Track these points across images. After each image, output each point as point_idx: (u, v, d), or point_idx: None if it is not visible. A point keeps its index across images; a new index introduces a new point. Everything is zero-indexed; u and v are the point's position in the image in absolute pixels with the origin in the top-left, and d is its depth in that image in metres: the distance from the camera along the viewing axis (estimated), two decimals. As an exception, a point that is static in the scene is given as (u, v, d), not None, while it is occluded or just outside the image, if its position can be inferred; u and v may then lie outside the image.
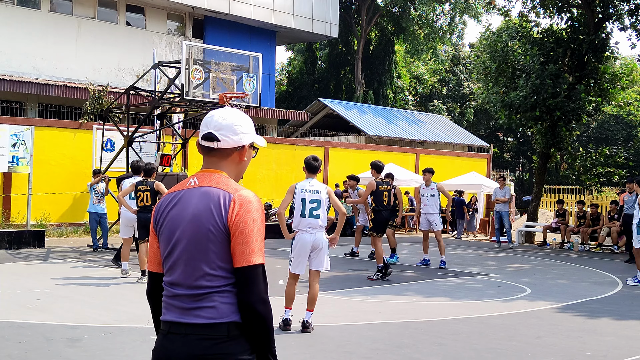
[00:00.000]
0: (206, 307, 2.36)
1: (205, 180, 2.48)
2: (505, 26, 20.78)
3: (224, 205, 2.38)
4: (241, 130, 2.54)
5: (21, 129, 15.37)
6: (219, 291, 2.37)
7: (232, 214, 2.37)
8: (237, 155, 2.56)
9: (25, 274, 10.59)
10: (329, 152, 23.14)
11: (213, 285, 2.37)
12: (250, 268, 2.34)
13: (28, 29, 22.87)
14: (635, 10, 18.81)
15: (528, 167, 46.72)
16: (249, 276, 2.34)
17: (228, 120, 2.52)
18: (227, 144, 2.51)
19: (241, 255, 2.34)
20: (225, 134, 2.50)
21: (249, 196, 2.42)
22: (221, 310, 2.36)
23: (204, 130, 2.53)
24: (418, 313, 8.27)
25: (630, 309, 9.02)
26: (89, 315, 7.53)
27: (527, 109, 18.53)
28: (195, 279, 2.39)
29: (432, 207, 12.99)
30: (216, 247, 2.37)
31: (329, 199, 7.22)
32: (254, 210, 2.39)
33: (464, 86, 45.86)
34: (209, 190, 2.43)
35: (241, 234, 2.35)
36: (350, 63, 41.83)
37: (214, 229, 2.37)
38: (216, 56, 14.41)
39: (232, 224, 2.36)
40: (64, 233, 16.93)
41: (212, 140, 2.50)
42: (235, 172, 2.57)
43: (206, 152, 2.55)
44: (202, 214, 2.39)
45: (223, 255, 2.37)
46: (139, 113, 18.27)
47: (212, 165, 2.54)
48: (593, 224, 17.90)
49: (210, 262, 2.37)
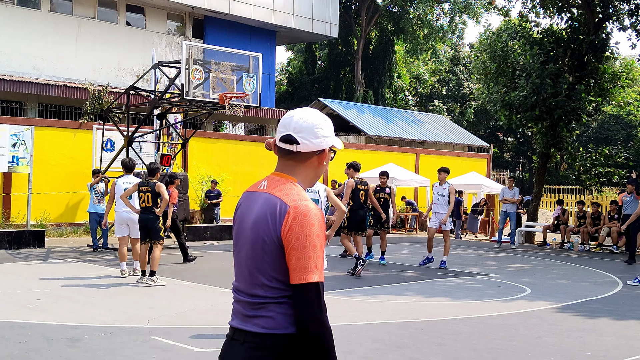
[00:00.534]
0: (263, 316, 2.30)
1: (272, 185, 2.38)
2: (505, 26, 20.79)
3: (279, 216, 2.28)
4: (322, 134, 2.40)
5: (21, 129, 15.37)
6: (275, 302, 2.30)
7: (284, 227, 2.26)
8: (316, 159, 2.43)
9: (25, 274, 10.59)
10: (329, 152, 23.10)
11: (269, 296, 2.30)
12: (301, 286, 2.23)
13: (28, 29, 22.87)
14: (635, 10, 18.81)
15: (528, 167, 46.73)
16: (300, 294, 2.24)
17: (309, 122, 2.38)
18: (307, 148, 2.38)
19: (293, 271, 2.24)
20: (306, 137, 2.37)
21: (305, 210, 2.27)
22: (277, 321, 2.29)
23: (283, 131, 2.39)
24: (418, 313, 8.27)
25: (630, 309, 9.02)
26: (89, 315, 7.53)
27: (527, 108, 18.54)
28: (252, 287, 2.34)
29: (442, 206, 12.98)
30: (270, 258, 2.29)
31: (328, 199, 7.22)
32: (308, 225, 2.25)
33: (464, 86, 45.87)
34: (270, 198, 2.33)
35: (293, 250, 2.24)
36: (350, 63, 41.83)
37: (268, 240, 2.28)
38: (216, 56, 14.40)
39: (284, 238, 2.26)
40: (64, 233, 16.93)
41: (292, 143, 2.37)
42: (312, 176, 2.46)
43: (283, 154, 2.42)
44: (260, 222, 2.31)
45: (277, 266, 2.28)
46: (139, 113, 18.27)
47: (288, 168, 2.42)
48: (594, 223, 17.91)
49: (265, 273, 2.30)
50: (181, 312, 7.87)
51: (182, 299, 8.77)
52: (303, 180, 2.43)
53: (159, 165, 10.63)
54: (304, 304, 2.23)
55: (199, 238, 16.21)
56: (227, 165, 20.50)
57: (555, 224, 19.04)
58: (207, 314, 7.85)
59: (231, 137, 21.99)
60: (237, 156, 21.01)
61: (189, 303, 8.43)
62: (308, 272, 2.23)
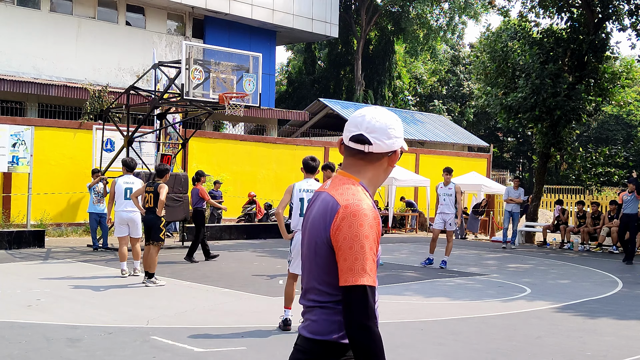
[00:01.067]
0: (312, 320, 2.27)
1: (333, 185, 2.32)
2: (504, 26, 20.78)
3: (329, 216, 2.22)
4: (394, 134, 2.33)
5: (21, 129, 15.37)
6: (322, 307, 2.25)
7: (333, 226, 2.20)
8: (386, 160, 2.36)
9: (25, 274, 10.58)
10: (328, 152, 23.14)
11: (318, 300, 2.26)
12: (348, 289, 2.15)
13: (28, 29, 22.87)
14: (635, 10, 18.80)
15: (528, 167, 46.73)
16: (346, 297, 2.15)
17: (382, 122, 2.32)
18: (379, 149, 2.31)
19: (340, 273, 2.17)
20: (379, 138, 2.30)
21: (355, 209, 2.19)
22: (322, 327, 2.24)
23: (354, 131, 2.32)
24: (418, 313, 8.27)
25: (630, 309, 9.02)
26: (89, 315, 7.53)
27: (527, 109, 18.54)
28: (308, 290, 2.31)
29: (448, 206, 13.05)
30: (322, 260, 2.23)
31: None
32: (356, 225, 2.17)
33: (464, 86, 45.87)
34: (326, 197, 2.28)
35: (340, 250, 2.17)
36: (350, 63, 41.83)
37: (320, 241, 2.24)
38: (216, 56, 14.40)
39: (333, 238, 2.20)
40: (64, 233, 16.93)
41: (364, 143, 2.30)
42: (381, 177, 2.39)
43: (351, 154, 2.35)
44: (315, 223, 2.27)
45: (328, 269, 2.22)
46: (139, 113, 18.28)
47: (355, 169, 2.35)
48: (594, 222, 17.92)
49: (316, 275, 2.26)
50: (181, 312, 7.87)
51: (182, 299, 8.77)
52: (370, 180, 2.36)
53: (168, 166, 10.61)
54: (348, 308, 2.15)
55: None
56: (227, 165, 20.50)
57: (555, 223, 19.04)
58: (207, 314, 7.85)
59: (231, 137, 21.99)
60: (237, 156, 21.01)
61: (189, 303, 8.43)
62: (354, 274, 2.14)
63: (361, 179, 2.33)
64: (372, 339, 2.14)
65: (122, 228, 10.58)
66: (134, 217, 10.49)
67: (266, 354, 6.06)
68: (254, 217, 19.92)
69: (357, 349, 2.13)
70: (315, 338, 2.24)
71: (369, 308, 2.16)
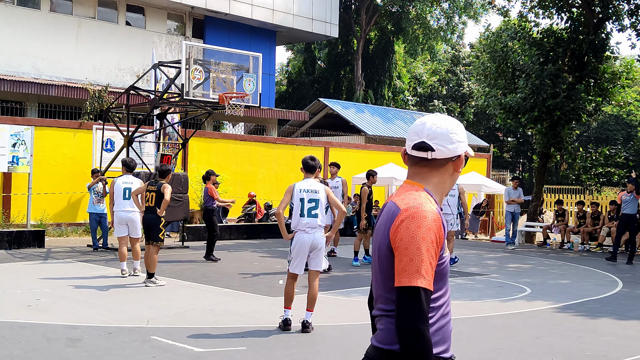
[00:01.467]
0: (379, 329, 2.25)
1: (398, 194, 2.31)
2: (504, 26, 20.78)
3: (390, 220, 2.22)
4: (457, 139, 2.31)
5: (21, 129, 15.37)
6: (388, 315, 2.21)
7: (392, 229, 2.19)
8: (451, 166, 2.34)
9: (25, 274, 10.58)
10: (328, 152, 23.14)
11: (385, 309, 2.23)
12: (401, 290, 2.12)
13: (28, 29, 22.87)
14: (635, 10, 18.80)
15: (528, 167, 46.73)
16: (398, 299, 2.12)
17: (443, 128, 2.30)
18: (442, 154, 2.29)
19: (395, 274, 2.15)
20: (441, 143, 2.28)
21: (414, 211, 2.18)
22: (386, 336, 2.21)
23: (415, 139, 2.31)
24: (418, 313, 8.25)
25: (630, 309, 9.02)
26: (89, 315, 7.53)
27: (526, 110, 18.54)
28: (377, 299, 2.29)
29: (452, 207, 13.20)
30: (386, 266, 2.22)
31: (328, 199, 7.22)
32: (414, 227, 2.15)
33: (464, 86, 45.87)
34: (389, 204, 2.28)
35: (396, 251, 2.16)
36: (350, 63, 41.83)
37: (383, 247, 2.23)
38: (216, 56, 14.39)
39: (392, 241, 2.19)
40: (64, 233, 16.93)
41: (426, 150, 2.28)
42: (447, 183, 2.37)
43: (415, 162, 2.34)
44: (379, 230, 2.28)
45: (390, 274, 2.20)
46: (139, 113, 18.28)
47: (420, 176, 2.34)
48: (593, 222, 17.92)
49: (382, 282, 2.24)
50: (181, 312, 7.87)
51: (182, 299, 8.77)
52: (435, 187, 2.34)
53: (170, 167, 10.60)
54: (400, 310, 2.11)
55: (199, 238, 16.20)
56: (227, 165, 20.49)
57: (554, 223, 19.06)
58: (207, 314, 7.85)
59: (231, 137, 21.99)
60: (237, 156, 21.01)
61: (189, 303, 8.43)
62: (407, 275, 2.11)
63: (426, 186, 2.32)
64: (421, 343, 2.09)
65: (122, 228, 10.58)
66: (133, 217, 10.49)
67: (266, 354, 6.06)
68: (254, 217, 19.93)
69: (406, 352, 2.10)
70: (382, 347, 2.22)
71: (422, 311, 2.10)
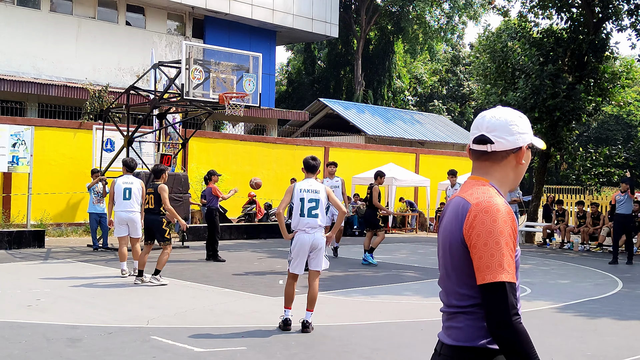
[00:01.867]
0: (455, 327, 2.22)
1: (465, 189, 2.30)
2: (504, 26, 20.78)
3: (461, 216, 2.20)
4: (517, 130, 2.29)
5: (21, 129, 15.37)
6: (465, 312, 2.20)
7: (466, 225, 2.18)
8: (513, 158, 2.31)
9: (25, 274, 10.58)
10: (329, 152, 23.14)
11: (460, 305, 2.21)
12: (486, 287, 2.10)
13: (28, 29, 22.87)
14: (635, 10, 18.80)
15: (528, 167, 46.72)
16: (485, 296, 2.11)
17: (502, 119, 2.29)
18: (502, 146, 2.27)
19: (477, 272, 2.13)
20: (500, 135, 2.27)
21: (487, 206, 2.16)
22: (467, 333, 2.19)
23: (475, 133, 2.32)
24: (418, 313, 8.27)
25: (630, 309, 9.02)
26: (89, 315, 7.53)
27: (526, 110, 18.53)
28: (447, 296, 2.27)
29: None
30: (459, 262, 2.20)
31: (328, 199, 7.22)
32: (490, 221, 2.13)
33: (464, 86, 45.88)
34: (456, 200, 2.27)
35: (474, 248, 2.14)
36: (349, 63, 41.84)
37: (454, 243, 2.21)
38: (216, 56, 14.39)
39: (466, 237, 2.17)
40: (64, 233, 16.92)
41: (485, 143, 2.28)
42: (511, 176, 2.34)
43: (477, 157, 2.34)
44: (447, 226, 2.26)
45: (467, 271, 2.18)
46: (139, 113, 18.28)
47: (483, 170, 2.33)
48: (593, 223, 17.93)
49: (454, 279, 2.23)
50: (181, 312, 7.87)
51: (182, 299, 8.77)
52: (500, 180, 2.32)
53: (164, 166, 10.61)
54: (489, 307, 2.10)
55: (199, 238, 16.20)
56: (227, 165, 20.49)
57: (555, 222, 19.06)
58: (207, 314, 7.85)
59: (231, 137, 21.99)
60: (237, 156, 21.01)
61: (189, 303, 8.43)
62: (491, 270, 2.10)
63: (490, 180, 2.30)
64: (517, 336, 2.08)
65: (122, 228, 10.57)
66: (133, 217, 10.49)
67: (266, 354, 6.06)
68: (254, 217, 19.92)
69: (504, 348, 2.09)
70: (462, 345, 2.19)
71: (510, 305, 2.10)
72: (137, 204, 10.56)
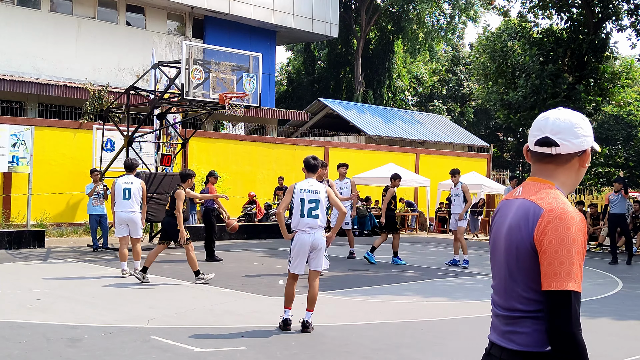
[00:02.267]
0: (519, 332, 2.18)
1: (528, 191, 2.26)
2: (504, 26, 20.79)
3: (532, 220, 2.16)
4: (582, 133, 2.26)
5: (21, 129, 15.37)
6: (532, 317, 2.17)
7: (537, 230, 2.13)
8: (577, 161, 2.27)
9: (25, 274, 10.58)
10: (329, 152, 23.14)
11: (526, 310, 2.18)
12: (551, 294, 2.07)
13: (28, 29, 22.87)
14: (635, 10, 18.81)
15: (528, 167, 46.71)
16: (550, 303, 2.08)
17: (567, 122, 2.25)
18: (567, 149, 2.24)
19: (543, 277, 2.10)
20: (566, 138, 2.23)
21: (561, 213, 2.13)
22: (533, 338, 2.16)
23: (538, 134, 2.27)
24: (418, 313, 8.27)
25: (630, 309, 9.03)
26: (89, 315, 7.53)
27: (526, 108, 18.55)
28: (509, 300, 2.23)
29: (458, 206, 13.43)
30: (525, 266, 2.17)
31: (329, 199, 7.22)
32: (563, 228, 2.10)
33: (464, 86, 45.89)
34: (524, 203, 2.23)
35: (544, 254, 2.10)
36: (349, 63, 41.84)
37: (522, 247, 2.17)
38: (216, 56, 14.40)
39: (537, 242, 2.13)
40: (64, 233, 16.92)
41: (550, 145, 2.24)
42: (573, 179, 2.30)
43: (539, 159, 2.30)
44: (513, 229, 2.21)
45: (532, 275, 2.15)
46: (139, 113, 18.28)
47: (545, 173, 2.29)
48: (593, 223, 17.93)
49: (521, 284, 2.19)
50: (181, 312, 7.87)
51: (182, 299, 8.77)
52: (563, 184, 2.29)
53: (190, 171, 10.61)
54: (552, 314, 2.07)
55: (199, 238, 16.19)
56: (227, 165, 20.49)
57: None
58: (207, 314, 7.85)
59: (231, 137, 21.99)
60: (237, 156, 21.01)
61: (189, 303, 8.43)
62: (558, 278, 2.07)
63: (555, 183, 2.28)
64: (576, 348, 2.06)
65: (122, 228, 10.57)
66: (133, 218, 10.48)
67: (266, 354, 6.06)
68: (254, 217, 19.92)
69: (561, 357, 2.06)
70: (527, 350, 2.17)
71: (574, 315, 2.07)
72: (137, 204, 10.56)
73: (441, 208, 23.63)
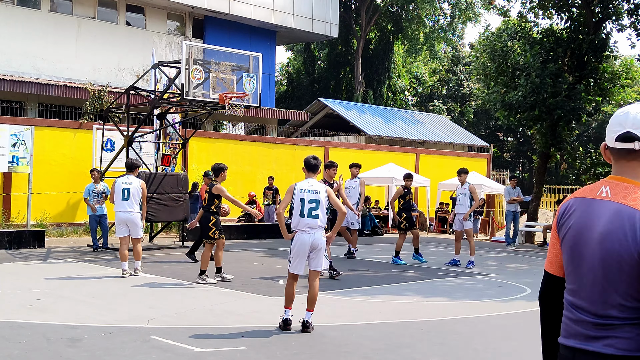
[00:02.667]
0: (620, 337, 2.11)
1: (619, 194, 2.15)
2: (504, 26, 20.78)
3: (636, 227, 2.06)
4: None
5: (21, 129, 15.37)
6: (632, 323, 2.10)
7: None
8: None
9: (25, 274, 10.59)
10: (329, 152, 23.14)
11: (625, 317, 2.11)
12: None
13: (28, 29, 22.87)
14: (635, 9, 18.80)
15: (528, 167, 46.75)
16: None
17: None
18: None
19: None
20: None
21: None
22: (636, 343, 2.10)
23: (618, 130, 2.17)
24: (418, 313, 8.27)
25: None
26: (89, 315, 7.53)
27: (526, 108, 18.54)
28: (604, 307, 2.14)
29: (463, 207, 13.40)
30: (629, 276, 2.08)
31: (329, 199, 7.21)
32: None
33: (464, 86, 45.89)
34: (622, 209, 2.11)
35: None
36: (349, 63, 41.84)
37: (628, 257, 2.07)
38: (216, 56, 14.40)
39: None
40: (64, 233, 16.93)
41: (632, 141, 2.13)
42: None
43: (621, 155, 2.18)
44: (613, 236, 2.10)
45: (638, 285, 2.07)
46: (139, 113, 18.28)
47: (629, 171, 2.18)
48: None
49: (622, 292, 2.10)
50: (181, 312, 7.87)
51: (182, 299, 8.77)
52: None
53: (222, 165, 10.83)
54: None
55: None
56: (227, 165, 20.43)
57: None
58: (207, 314, 7.85)
59: (231, 137, 21.99)
60: (237, 156, 21.01)
61: (189, 303, 8.43)
62: None
63: None
64: None
65: (122, 228, 10.57)
66: (132, 218, 10.48)
67: (266, 354, 6.06)
68: (254, 217, 19.91)
69: None
70: (630, 355, 2.11)
71: None
72: (136, 204, 10.55)
73: (441, 208, 23.63)
